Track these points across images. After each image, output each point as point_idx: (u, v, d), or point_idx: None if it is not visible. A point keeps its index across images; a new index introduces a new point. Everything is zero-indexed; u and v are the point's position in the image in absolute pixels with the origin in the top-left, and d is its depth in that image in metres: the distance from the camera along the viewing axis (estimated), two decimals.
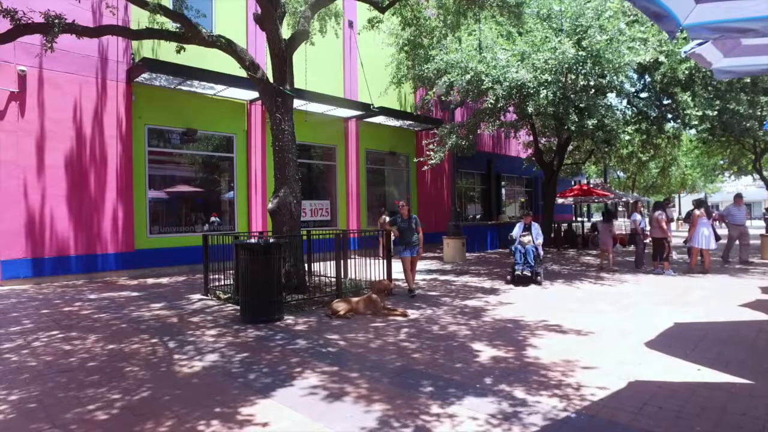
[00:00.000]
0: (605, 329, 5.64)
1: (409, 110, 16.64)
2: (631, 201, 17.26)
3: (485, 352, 4.75)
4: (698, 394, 3.60)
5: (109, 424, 3.19)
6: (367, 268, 8.37)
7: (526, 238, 9.36)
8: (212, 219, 12.46)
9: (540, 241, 9.46)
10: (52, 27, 6.64)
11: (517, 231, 9.61)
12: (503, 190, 22.83)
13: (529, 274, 9.10)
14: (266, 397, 3.65)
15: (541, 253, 9.56)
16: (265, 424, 3.18)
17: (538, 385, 3.84)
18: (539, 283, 8.96)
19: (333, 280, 8.26)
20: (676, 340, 5.14)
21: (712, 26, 3.55)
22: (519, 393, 3.67)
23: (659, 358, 4.51)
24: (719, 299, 7.46)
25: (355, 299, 6.68)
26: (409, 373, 4.17)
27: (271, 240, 6.63)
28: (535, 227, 9.52)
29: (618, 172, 28.43)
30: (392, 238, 8.69)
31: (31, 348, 4.99)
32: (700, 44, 4.46)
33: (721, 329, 5.66)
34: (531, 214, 9.78)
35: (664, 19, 3.45)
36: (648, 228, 11.71)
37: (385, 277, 8.10)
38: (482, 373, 4.13)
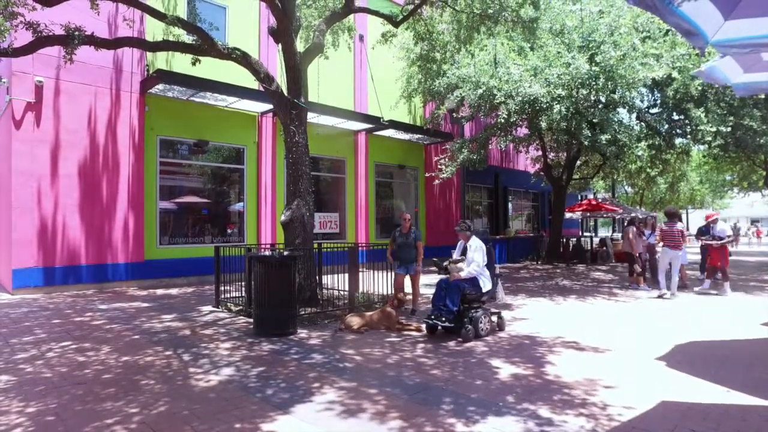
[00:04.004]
0: (623, 346, 5.55)
1: (418, 124, 16.68)
2: (641, 217, 17.20)
3: (504, 369, 4.67)
4: (731, 416, 3.51)
5: None
6: (377, 282, 8.29)
7: (457, 266, 6.09)
8: (229, 231, 12.47)
9: (473, 269, 6.04)
10: (72, 39, 6.71)
11: (456, 253, 6.53)
12: (510, 204, 22.78)
13: (450, 326, 5.84)
14: (286, 412, 3.58)
15: (483, 286, 6.14)
16: None
17: (563, 403, 3.76)
18: (467, 339, 5.73)
19: (344, 293, 8.19)
20: (700, 359, 5.04)
21: (741, 42, 3.53)
22: (544, 412, 3.59)
23: (684, 378, 4.41)
24: (739, 317, 7.35)
25: (368, 313, 6.61)
26: (430, 389, 4.09)
27: (286, 253, 6.59)
28: (475, 246, 6.19)
29: (626, 187, 28.33)
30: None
31: (45, 359, 4.95)
32: (720, 57, 4.45)
33: (746, 348, 5.56)
34: (468, 227, 6.40)
35: (693, 37, 3.44)
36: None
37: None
38: (503, 391, 4.05)
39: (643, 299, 9.19)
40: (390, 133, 15.31)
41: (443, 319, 5.86)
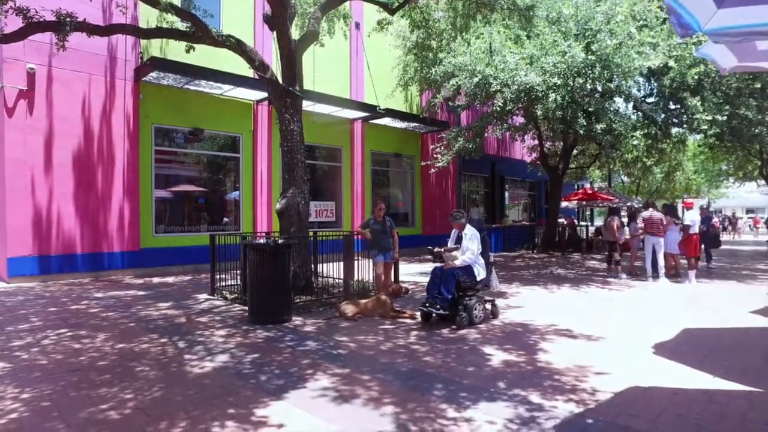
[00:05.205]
0: (615, 334, 5.61)
1: (415, 112, 16.61)
2: (636, 206, 17.27)
3: (496, 356, 4.72)
4: (716, 401, 3.57)
5: (123, 425, 3.17)
6: (372, 270, 8.32)
7: (452, 255, 6.15)
8: (225, 219, 12.48)
9: (465, 259, 6.09)
10: (63, 26, 6.65)
11: (450, 242, 6.56)
12: (507, 193, 22.80)
13: (444, 313, 5.90)
14: (279, 398, 3.63)
15: (478, 274, 6.19)
16: (280, 426, 3.16)
17: (553, 389, 3.81)
18: (461, 326, 5.79)
19: (339, 281, 8.23)
20: (689, 346, 5.10)
21: (734, 31, 3.53)
22: (534, 398, 3.64)
23: (673, 364, 4.47)
24: (729, 305, 7.43)
25: (363, 301, 6.66)
26: (422, 376, 4.14)
27: (281, 241, 6.60)
28: (470, 234, 6.21)
29: (622, 177, 28.39)
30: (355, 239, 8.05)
31: (40, 346, 4.98)
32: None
33: (734, 336, 5.63)
34: (461, 216, 6.40)
35: (685, 24, 3.43)
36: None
37: (392, 279, 8.05)
38: (495, 377, 4.10)
39: (637, 288, 9.27)
40: (386, 121, 15.26)
41: (438, 306, 5.90)
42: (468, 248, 6.15)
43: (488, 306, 6.50)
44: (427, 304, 6.02)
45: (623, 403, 3.54)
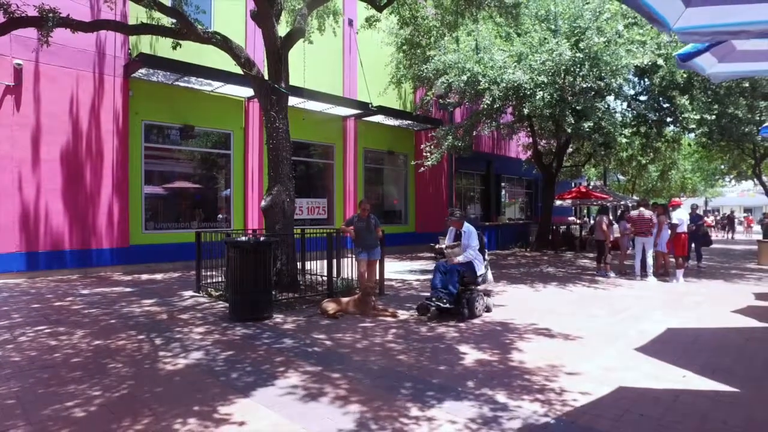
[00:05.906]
0: (594, 333, 5.61)
1: (409, 109, 16.57)
2: (631, 205, 17.26)
3: (471, 355, 4.72)
4: (681, 401, 3.57)
5: (86, 422, 3.17)
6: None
7: (454, 251, 6.47)
8: (219, 216, 12.48)
9: (468, 255, 6.39)
10: (46, 21, 6.63)
11: (447, 240, 6.89)
12: (503, 191, 22.78)
13: (449, 306, 6.14)
14: (246, 396, 3.63)
15: (478, 270, 6.46)
16: (241, 424, 3.16)
17: (521, 389, 3.82)
18: (464, 318, 6.10)
19: (326, 279, 8.23)
20: (666, 346, 5.11)
21: (702, 30, 3.51)
22: (501, 397, 3.64)
23: (646, 364, 4.48)
24: (712, 305, 7.44)
25: (345, 299, 6.66)
26: (392, 374, 4.15)
27: (262, 238, 6.61)
28: (469, 233, 6.49)
29: (618, 175, 28.36)
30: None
31: (16, 343, 4.98)
32: (697, 52, 4.41)
33: (711, 335, 5.64)
34: (460, 215, 6.76)
35: (657, 23, 3.42)
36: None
37: (377, 277, 8.05)
38: (465, 376, 4.11)
39: (624, 286, 9.28)
40: (379, 119, 15.24)
41: (444, 300, 6.11)
42: (469, 245, 6.43)
43: (486, 299, 6.69)
44: (434, 299, 6.18)
45: (589, 403, 3.54)
